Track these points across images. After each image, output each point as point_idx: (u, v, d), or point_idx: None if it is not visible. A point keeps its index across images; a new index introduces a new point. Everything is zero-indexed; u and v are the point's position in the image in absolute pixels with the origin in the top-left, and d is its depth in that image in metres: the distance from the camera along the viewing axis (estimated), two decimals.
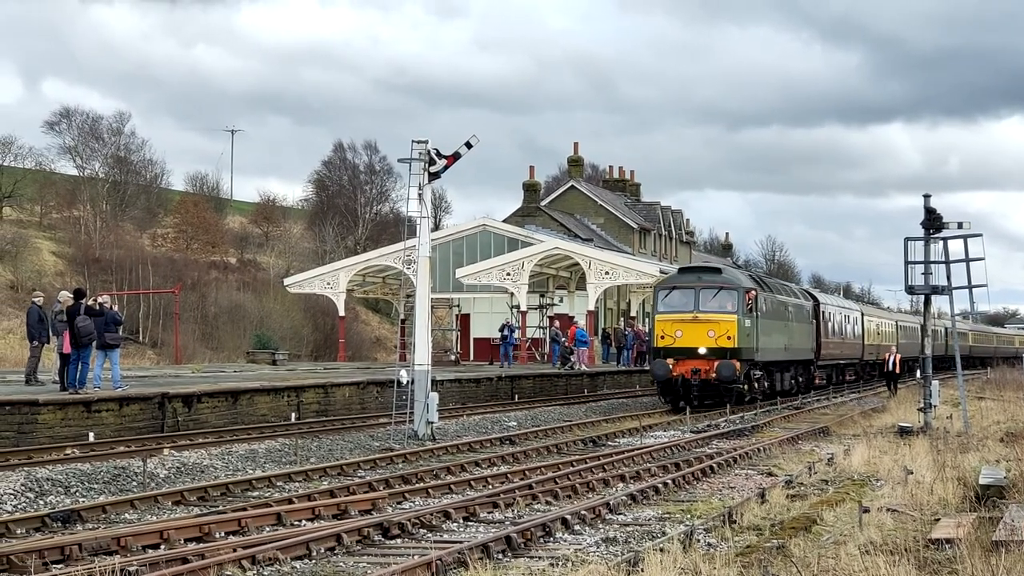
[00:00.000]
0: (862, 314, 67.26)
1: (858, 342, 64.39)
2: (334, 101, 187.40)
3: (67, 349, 27.75)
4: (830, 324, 56.76)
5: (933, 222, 32.90)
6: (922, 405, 34.08)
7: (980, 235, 33.41)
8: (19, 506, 18.29)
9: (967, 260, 33.12)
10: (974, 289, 33.54)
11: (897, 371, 53.38)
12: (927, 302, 35.71)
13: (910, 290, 34.66)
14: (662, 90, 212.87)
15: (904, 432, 30.84)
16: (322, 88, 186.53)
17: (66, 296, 29.22)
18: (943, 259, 33.28)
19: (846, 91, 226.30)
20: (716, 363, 39.38)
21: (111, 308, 29.77)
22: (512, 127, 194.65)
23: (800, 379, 50.94)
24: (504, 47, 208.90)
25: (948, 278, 33.31)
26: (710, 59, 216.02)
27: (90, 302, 28.83)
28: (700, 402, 40.77)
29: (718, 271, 43.14)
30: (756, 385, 42.58)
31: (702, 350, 39.57)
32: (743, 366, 40.35)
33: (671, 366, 39.57)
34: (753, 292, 41.59)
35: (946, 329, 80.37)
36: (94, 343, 27.97)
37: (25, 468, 20.80)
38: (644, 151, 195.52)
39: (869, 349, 66.67)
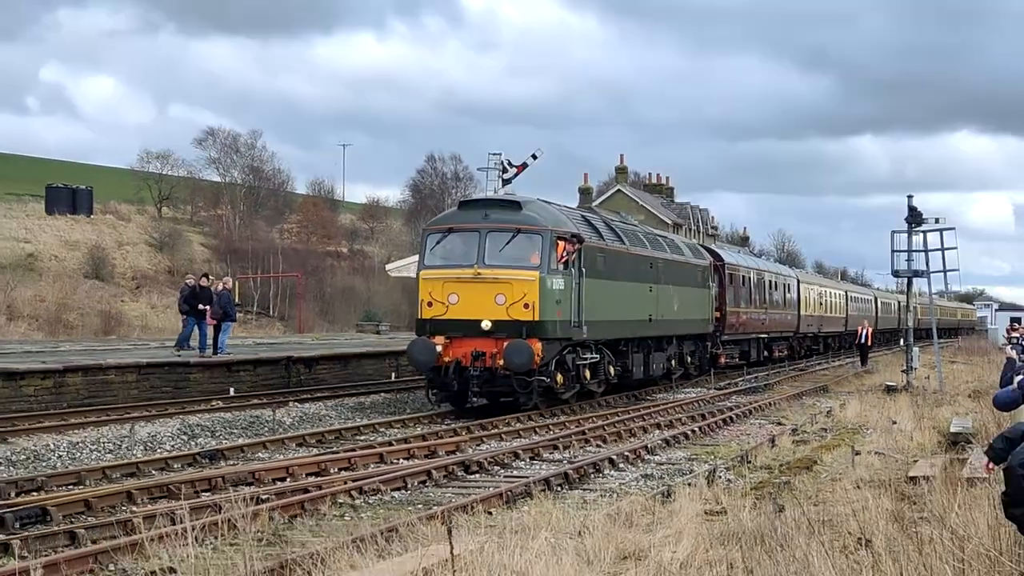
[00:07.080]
0: (798, 281, 50.76)
1: (791, 312, 48.28)
2: (402, 119, 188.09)
3: (209, 321, 28.09)
4: (743, 291, 40.09)
5: (915, 218, 32.80)
6: (905, 368, 33.86)
7: (953, 228, 33.42)
8: (175, 446, 18.57)
9: (942, 249, 32.91)
10: (948, 273, 33.39)
11: (869, 344, 46.49)
12: (909, 283, 35.41)
13: (895, 274, 34.88)
14: (672, 109, 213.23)
15: (890, 390, 30.63)
16: (392, 109, 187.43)
17: (192, 278, 29.20)
18: (923, 248, 33.11)
19: (823, 109, 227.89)
20: (505, 344, 22.39)
21: (217, 289, 28.95)
22: (548, 141, 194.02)
23: (689, 359, 33.38)
24: (535, 74, 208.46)
25: (927, 264, 33.07)
26: (709, 83, 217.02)
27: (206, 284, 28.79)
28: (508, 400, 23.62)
29: (516, 206, 23.80)
30: (588, 374, 25.22)
31: (486, 324, 22.56)
32: (550, 348, 23.03)
33: (439, 348, 22.71)
34: (572, 238, 23.83)
35: (898, 303, 76.53)
36: (221, 317, 28.14)
37: (180, 416, 21.13)
38: (660, 160, 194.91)
39: (807, 320, 51.27)
